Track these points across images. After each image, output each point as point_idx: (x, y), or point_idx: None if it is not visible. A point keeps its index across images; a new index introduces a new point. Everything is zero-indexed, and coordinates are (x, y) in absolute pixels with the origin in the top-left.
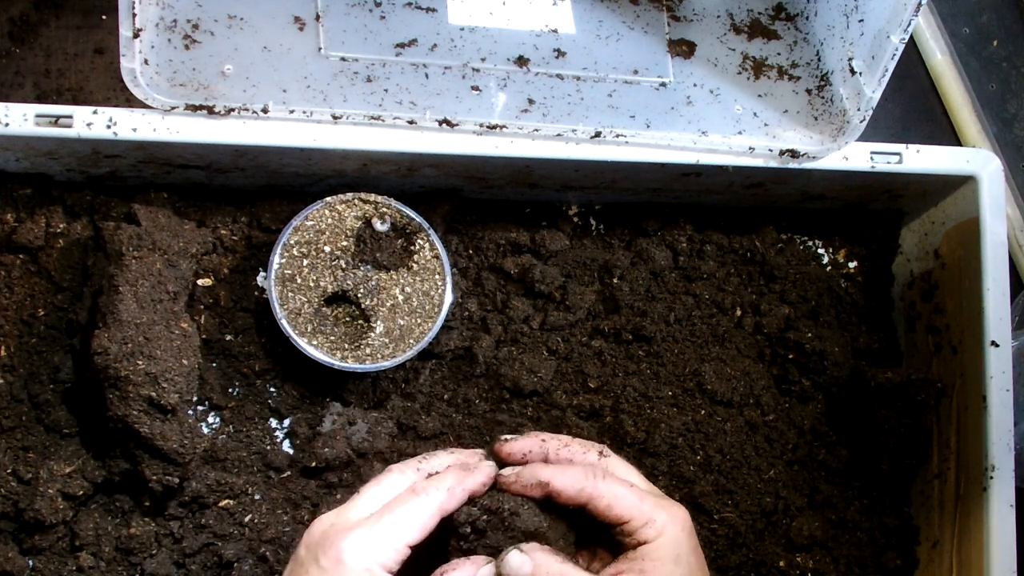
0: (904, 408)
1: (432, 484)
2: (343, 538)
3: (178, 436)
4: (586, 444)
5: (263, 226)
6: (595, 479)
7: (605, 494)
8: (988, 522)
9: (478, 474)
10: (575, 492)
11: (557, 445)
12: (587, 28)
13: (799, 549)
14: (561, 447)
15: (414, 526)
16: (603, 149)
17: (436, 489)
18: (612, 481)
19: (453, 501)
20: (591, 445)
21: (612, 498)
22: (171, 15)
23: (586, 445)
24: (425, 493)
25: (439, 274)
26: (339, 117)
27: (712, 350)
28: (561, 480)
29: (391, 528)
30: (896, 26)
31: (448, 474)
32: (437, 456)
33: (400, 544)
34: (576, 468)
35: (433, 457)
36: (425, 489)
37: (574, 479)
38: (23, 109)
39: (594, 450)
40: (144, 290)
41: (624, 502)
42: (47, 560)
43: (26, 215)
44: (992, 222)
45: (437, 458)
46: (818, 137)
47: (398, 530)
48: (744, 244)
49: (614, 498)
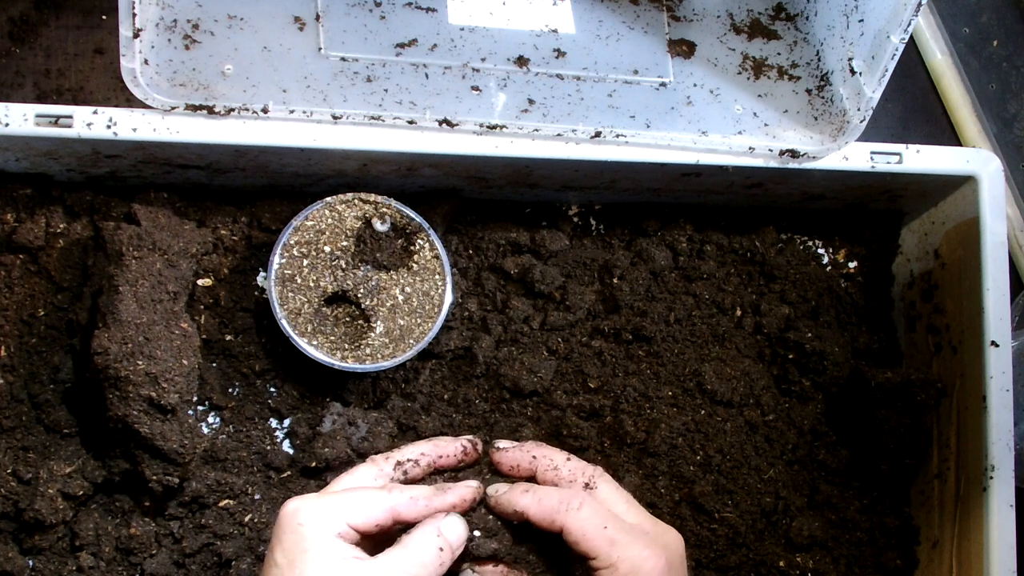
0: (904, 408)
1: (399, 486)
2: (291, 502)
3: (178, 436)
4: (576, 470)
5: (263, 226)
6: (567, 512)
7: (574, 529)
8: (988, 522)
9: (450, 495)
10: (549, 523)
11: (547, 465)
12: (587, 28)
13: (799, 549)
14: (550, 468)
15: (360, 510)
16: (603, 149)
17: (399, 492)
18: (587, 514)
19: (412, 508)
20: (581, 471)
21: (581, 533)
22: (171, 15)
23: (575, 471)
24: (387, 490)
25: (439, 274)
26: (339, 117)
27: (712, 350)
28: (536, 510)
29: (337, 502)
30: (896, 26)
31: (423, 488)
32: (412, 446)
33: (340, 518)
34: (553, 497)
35: (408, 447)
36: (390, 488)
37: (548, 510)
38: (23, 109)
39: (583, 478)
40: (144, 290)
41: (592, 541)
42: (47, 560)
43: (26, 215)
44: (992, 222)
45: (411, 448)
46: (818, 137)
47: (343, 506)
48: (744, 244)
49: (582, 533)
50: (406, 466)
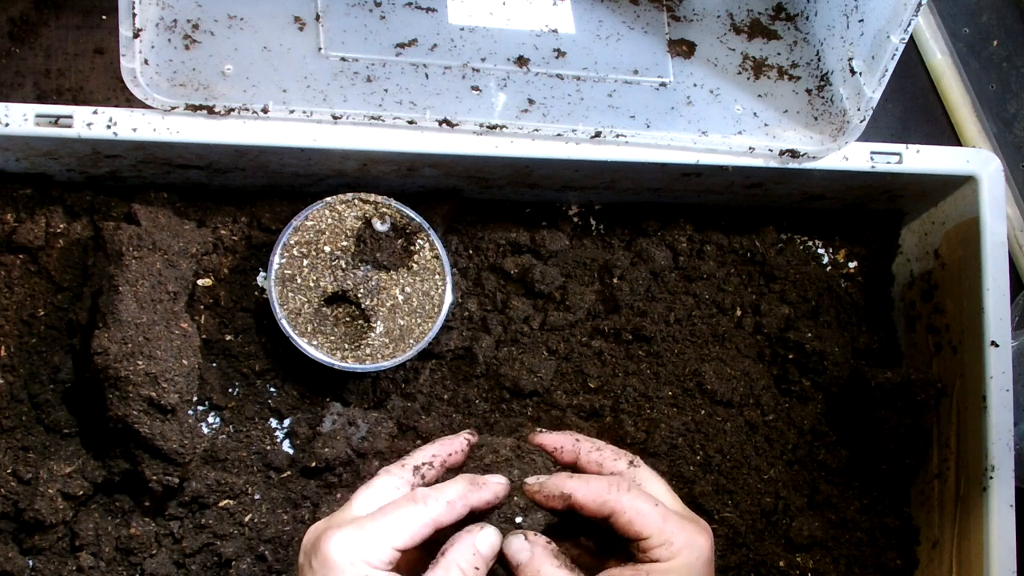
0: (904, 408)
1: (433, 494)
2: (330, 536)
3: (178, 436)
4: (618, 452)
5: (263, 226)
6: (619, 492)
7: (628, 509)
8: (988, 522)
9: (485, 491)
10: (597, 506)
11: (589, 447)
12: (587, 28)
13: (799, 549)
14: (593, 450)
15: (404, 532)
16: (603, 149)
17: (435, 500)
18: (636, 495)
19: (451, 514)
20: (623, 453)
21: (634, 513)
22: (171, 15)
23: (618, 453)
24: (423, 503)
25: (439, 274)
26: (339, 117)
27: (712, 350)
28: (584, 492)
29: (380, 529)
30: (896, 26)
31: (453, 486)
32: (422, 450)
33: (387, 546)
34: (601, 480)
35: (418, 452)
36: (425, 498)
37: (597, 492)
38: (23, 109)
39: (624, 459)
40: (144, 290)
41: (646, 519)
42: (47, 560)
43: (26, 215)
44: (992, 222)
45: (422, 452)
46: (818, 137)
47: (387, 532)
48: (744, 244)
49: (636, 513)
50: (423, 470)
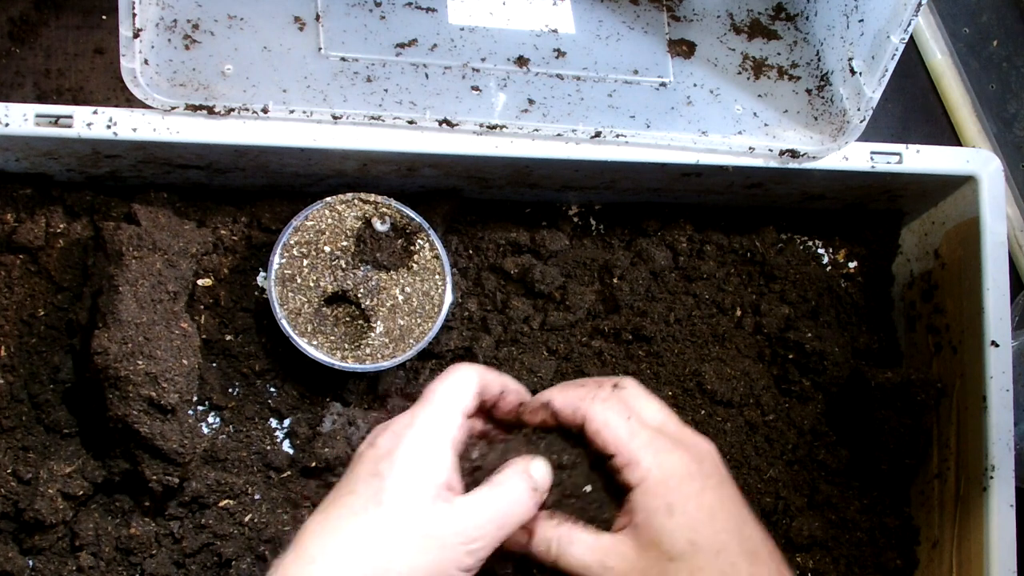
0: (904, 408)
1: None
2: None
3: (178, 436)
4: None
5: (263, 226)
6: (592, 401)
7: (596, 417)
8: (988, 522)
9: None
10: (571, 412)
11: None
12: (587, 28)
13: (799, 549)
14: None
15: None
16: (603, 149)
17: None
18: (610, 405)
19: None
20: (609, 379)
21: (602, 424)
22: (171, 15)
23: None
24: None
25: (439, 274)
26: (339, 117)
27: (712, 350)
28: (560, 399)
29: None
30: (896, 26)
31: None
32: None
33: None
34: (580, 389)
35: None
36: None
37: (571, 398)
38: (23, 109)
39: (610, 381)
40: (144, 290)
41: (612, 432)
42: (47, 560)
43: (26, 215)
44: (992, 222)
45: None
46: (818, 137)
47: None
48: (744, 244)
49: (603, 424)
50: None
